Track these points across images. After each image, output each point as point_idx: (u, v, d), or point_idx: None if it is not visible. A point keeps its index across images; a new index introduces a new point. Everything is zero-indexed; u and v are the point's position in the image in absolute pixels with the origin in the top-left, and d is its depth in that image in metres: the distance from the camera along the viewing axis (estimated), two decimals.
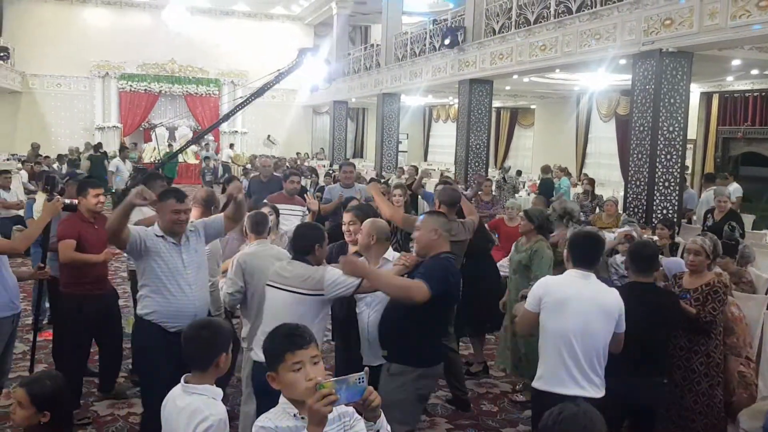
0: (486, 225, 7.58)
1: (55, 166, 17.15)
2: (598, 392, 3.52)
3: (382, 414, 2.20)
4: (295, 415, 2.19)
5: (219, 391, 2.71)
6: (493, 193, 12.07)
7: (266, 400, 2.82)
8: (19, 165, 16.91)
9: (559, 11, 12.34)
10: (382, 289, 3.71)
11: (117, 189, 12.53)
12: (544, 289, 3.65)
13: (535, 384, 3.66)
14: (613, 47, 10.84)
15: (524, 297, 3.97)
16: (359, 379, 2.04)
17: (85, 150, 20.80)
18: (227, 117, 11.18)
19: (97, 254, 4.98)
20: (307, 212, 7.03)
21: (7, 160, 20.57)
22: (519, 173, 18.67)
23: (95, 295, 5.05)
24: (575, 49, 11.79)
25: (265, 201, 6.49)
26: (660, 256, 5.10)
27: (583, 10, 11.62)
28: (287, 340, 2.26)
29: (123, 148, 17.54)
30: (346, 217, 4.68)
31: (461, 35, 15.52)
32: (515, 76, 15.10)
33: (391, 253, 4.31)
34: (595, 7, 11.32)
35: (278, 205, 6.00)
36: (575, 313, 3.52)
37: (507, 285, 5.80)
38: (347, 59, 25.18)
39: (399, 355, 3.82)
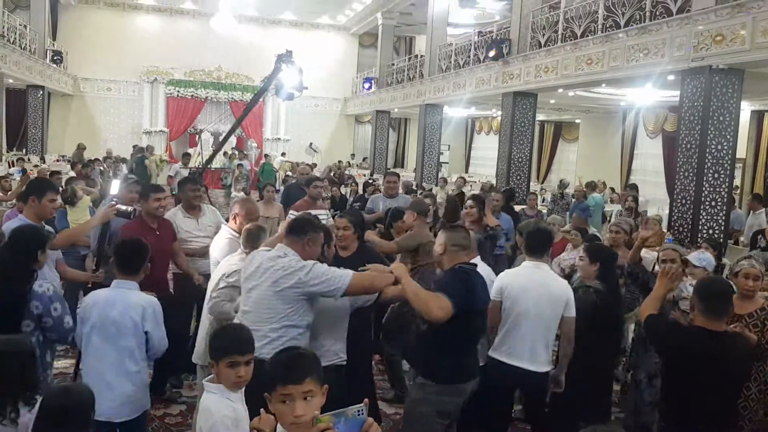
0: None
1: (103, 167, 17.48)
2: (543, 368, 4.19)
3: None
4: None
5: (232, 394, 2.71)
6: (545, 207, 11.93)
7: None
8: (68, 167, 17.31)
9: (607, 25, 12.20)
10: (408, 297, 3.65)
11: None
12: (503, 282, 4.27)
13: (494, 353, 4.21)
14: (661, 63, 10.66)
15: None
16: (359, 411, 1.97)
17: (136, 153, 21.30)
18: (232, 131, 11.14)
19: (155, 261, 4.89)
20: (330, 216, 7.02)
21: (57, 161, 21.13)
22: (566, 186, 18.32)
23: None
24: (622, 63, 11.63)
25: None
26: None
27: (632, 25, 11.46)
28: (283, 370, 2.19)
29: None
30: (340, 222, 4.68)
31: (506, 47, 15.44)
32: (560, 90, 14.96)
33: None
34: (644, 21, 11.16)
35: (304, 211, 6.04)
36: (530, 299, 4.14)
37: None
38: (390, 69, 25.27)
39: (422, 369, 3.81)
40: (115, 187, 5.15)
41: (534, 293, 4.16)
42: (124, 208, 4.89)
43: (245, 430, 2.59)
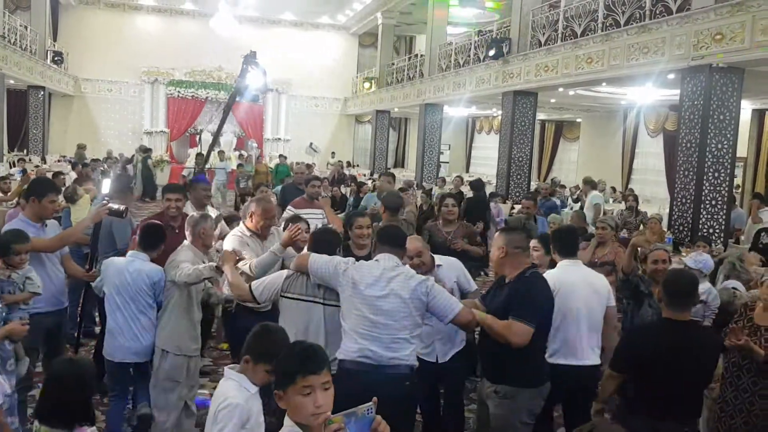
0: None
1: (104, 167, 17.48)
2: (598, 360, 4.19)
3: None
4: None
5: (251, 386, 2.74)
6: None
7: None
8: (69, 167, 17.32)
9: (607, 24, 12.18)
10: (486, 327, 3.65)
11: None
12: (553, 283, 4.02)
13: (552, 360, 4.06)
14: (661, 61, 10.65)
15: None
16: (368, 410, 1.98)
17: (137, 153, 21.34)
18: (218, 133, 11.11)
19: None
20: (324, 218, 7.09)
21: (58, 161, 21.16)
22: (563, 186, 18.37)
23: None
24: (622, 62, 11.61)
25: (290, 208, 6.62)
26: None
27: (632, 23, 11.44)
28: (301, 362, 2.18)
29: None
30: (364, 221, 4.81)
31: (506, 47, 15.42)
32: (560, 89, 14.94)
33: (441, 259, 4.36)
34: (644, 20, 11.14)
35: (300, 210, 6.06)
36: (580, 297, 4.13)
37: None
38: (390, 69, 25.26)
39: (507, 377, 3.71)
40: (106, 186, 5.13)
41: (582, 291, 4.19)
42: (116, 207, 4.85)
43: (257, 422, 2.67)
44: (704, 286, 4.87)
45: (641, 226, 11.11)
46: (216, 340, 7.04)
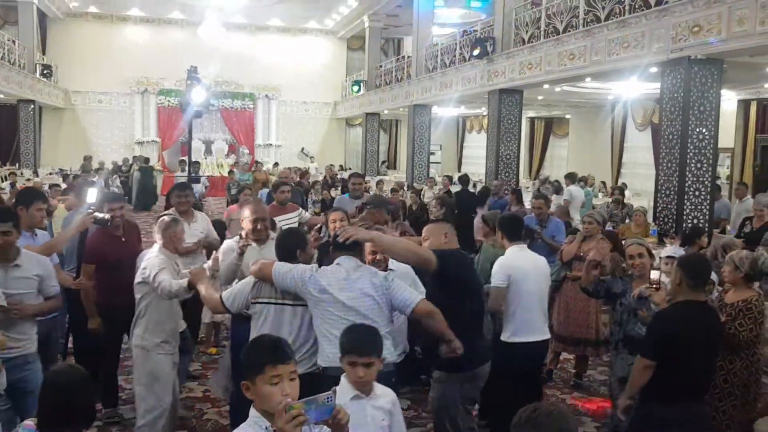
0: None
1: (95, 178, 17.52)
2: (548, 334, 4.77)
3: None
4: (266, 428, 2.19)
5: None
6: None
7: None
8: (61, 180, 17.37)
9: (588, 20, 12.27)
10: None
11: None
12: (507, 268, 4.58)
13: (512, 339, 4.54)
14: (641, 55, 10.73)
15: None
16: (327, 398, 2.06)
17: (134, 163, 21.43)
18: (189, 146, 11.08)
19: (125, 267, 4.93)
20: (303, 218, 7.26)
21: (50, 174, 21.21)
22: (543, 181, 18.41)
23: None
24: (604, 57, 11.69)
25: None
26: None
27: (612, 19, 11.54)
28: (270, 352, 2.26)
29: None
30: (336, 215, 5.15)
31: (490, 45, 15.50)
32: (545, 86, 15.02)
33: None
34: (624, 15, 11.23)
35: (274, 217, 6.12)
36: (532, 279, 4.59)
37: None
38: (379, 71, 25.35)
39: (438, 362, 3.97)
40: (92, 195, 5.19)
41: (533, 273, 4.64)
42: (101, 216, 4.92)
43: None
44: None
45: (627, 219, 11.22)
46: (205, 345, 7.12)
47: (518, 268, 4.59)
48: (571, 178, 13.02)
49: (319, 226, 6.83)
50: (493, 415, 4.72)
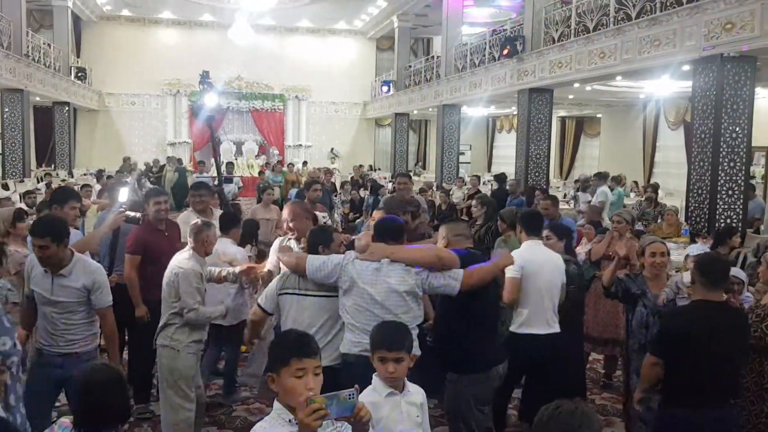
0: None
1: (128, 179, 17.80)
2: (558, 328, 4.67)
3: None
4: (290, 421, 2.21)
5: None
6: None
7: None
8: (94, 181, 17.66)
9: (619, 18, 12.15)
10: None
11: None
12: (521, 260, 4.53)
13: (520, 330, 4.60)
14: (672, 53, 10.61)
15: None
16: (349, 395, 2.08)
17: (167, 164, 21.68)
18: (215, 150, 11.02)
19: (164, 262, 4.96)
20: (328, 218, 7.18)
21: (84, 174, 21.58)
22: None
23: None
24: (634, 56, 11.58)
25: None
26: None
27: (643, 16, 11.41)
28: (297, 345, 2.31)
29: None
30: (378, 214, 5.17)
31: (520, 44, 15.42)
32: (576, 85, 14.90)
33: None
34: (655, 12, 11.11)
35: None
36: (546, 273, 4.64)
37: None
38: (408, 72, 25.35)
39: (451, 364, 3.99)
40: (123, 194, 5.31)
41: (547, 267, 4.69)
42: (132, 214, 5.06)
43: None
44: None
45: (659, 218, 11.09)
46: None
47: (533, 261, 4.64)
48: (602, 177, 12.88)
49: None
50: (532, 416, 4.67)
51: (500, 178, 14.14)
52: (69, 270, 3.94)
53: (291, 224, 4.80)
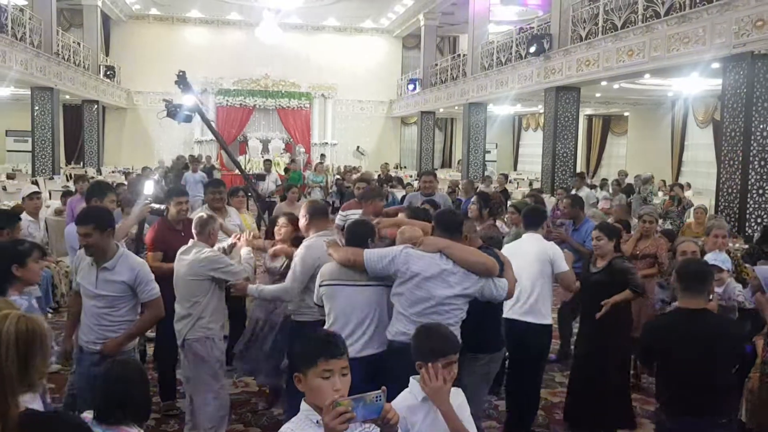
0: None
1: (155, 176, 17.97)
2: (549, 320, 4.94)
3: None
4: (317, 422, 2.17)
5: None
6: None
7: None
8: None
9: (647, 15, 12.03)
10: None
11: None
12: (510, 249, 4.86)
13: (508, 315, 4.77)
14: (702, 51, 10.49)
15: None
16: (376, 397, 2.03)
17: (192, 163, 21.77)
18: (225, 149, 10.96)
19: None
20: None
21: (113, 172, 21.87)
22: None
23: None
24: (663, 53, 11.46)
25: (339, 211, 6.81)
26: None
27: (672, 14, 11.29)
28: (324, 346, 2.27)
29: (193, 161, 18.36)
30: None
31: (547, 42, 15.34)
32: (603, 83, 14.80)
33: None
34: (684, 10, 10.98)
35: (351, 211, 6.26)
36: (533, 264, 4.85)
37: None
38: (434, 70, 25.32)
39: (473, 345, 4.03)
40: (149, 187, 5.44)
41: (521, 258, 4.78)
42: (157, 206, 5.26)
43: None
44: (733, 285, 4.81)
45: (685, 215, 10.96)
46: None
47: (512, 252, 4.79)
48: (581, 178, 12.85)
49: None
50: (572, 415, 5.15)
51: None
52: (113, 264, 3.98)
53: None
